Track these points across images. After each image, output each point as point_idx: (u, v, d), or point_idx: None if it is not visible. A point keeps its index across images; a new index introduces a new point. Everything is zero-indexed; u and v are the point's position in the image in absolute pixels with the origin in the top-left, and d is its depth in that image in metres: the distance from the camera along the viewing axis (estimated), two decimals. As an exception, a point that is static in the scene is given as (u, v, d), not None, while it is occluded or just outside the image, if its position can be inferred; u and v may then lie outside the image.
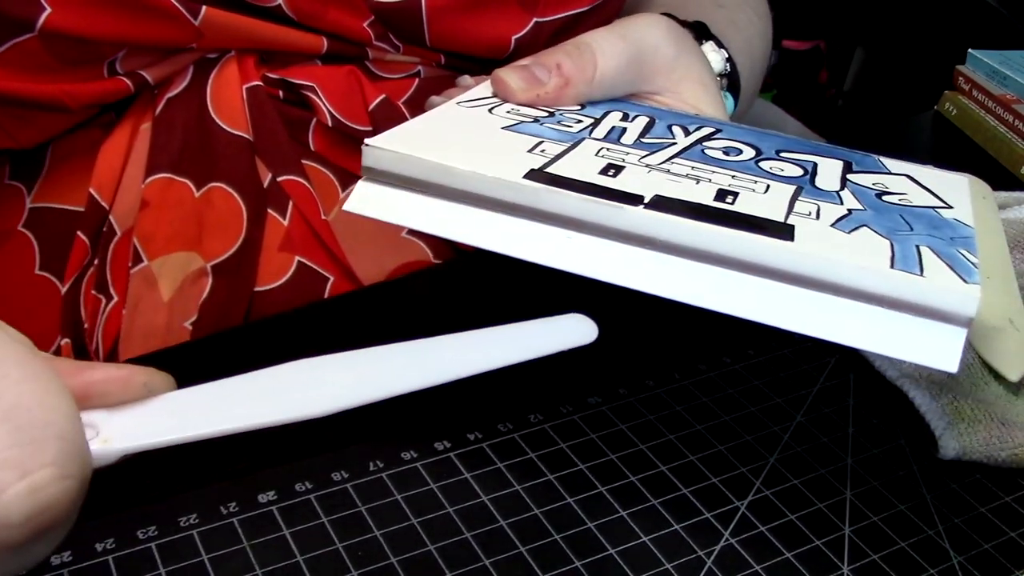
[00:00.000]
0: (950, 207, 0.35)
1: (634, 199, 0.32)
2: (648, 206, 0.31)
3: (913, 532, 0.36)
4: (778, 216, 0.32)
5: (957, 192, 0.37)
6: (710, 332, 0.45)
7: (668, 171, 0.35)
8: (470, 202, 0.33)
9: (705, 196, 0.33)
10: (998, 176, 0.62)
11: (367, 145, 0.33)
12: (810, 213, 0.33)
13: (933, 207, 0.35)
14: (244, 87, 0.48)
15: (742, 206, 0.32)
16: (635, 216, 0.31)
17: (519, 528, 0.34)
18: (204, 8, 0.45)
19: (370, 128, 0.49)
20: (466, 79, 0.47)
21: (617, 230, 0.31)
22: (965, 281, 0.29)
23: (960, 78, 0.70)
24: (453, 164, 0.33)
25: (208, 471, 0.35)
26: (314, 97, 0.49)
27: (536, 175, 0.33)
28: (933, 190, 0.37)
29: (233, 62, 0.48)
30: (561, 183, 0.32)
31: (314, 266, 0.48)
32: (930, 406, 0.39)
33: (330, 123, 0.49)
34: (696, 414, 0.40)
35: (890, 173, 0.39)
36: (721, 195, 0.33)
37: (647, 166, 0.35)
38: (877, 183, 0.37)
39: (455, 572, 0.32)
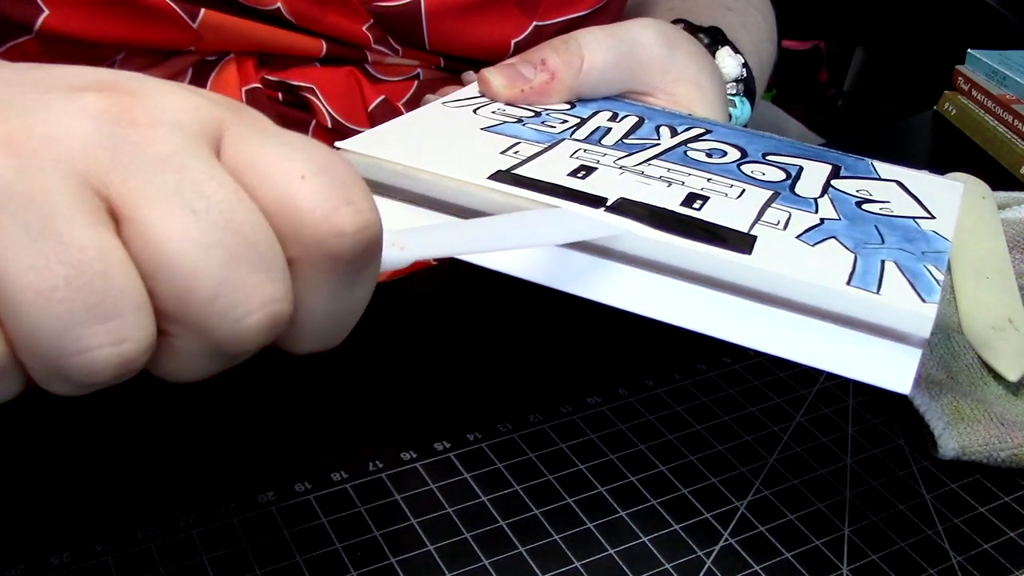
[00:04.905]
0: (932, 217, 0.34)
1: (597, 201, 0.31)
2: (609, 209, 0.30)
3: (913, 532, 0.36)
4: (742, 225, 0.31)
5: (947, 201, 0.36)
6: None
7: (642, 173, 0.34)
8: (435, 207, 0.32)
9: (672, 201, 0.32)
10: (998, 176, 0.62)
11: (338, 148, 0.32)
12: (778, 222, 0.32)
13: (913, 217, 0.34)
14: (243, 89, 0.48)
15: (708, 213, 0.31)
16: (592, 219, 0.30)
17: (519, 528, 0.34)
18: (203, 11, 0.45)
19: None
20: (470, 75, 0.47)
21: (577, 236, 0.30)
22: (923, 300, 0.28)
23: (960, 78, 0.70)
24: (417, 167, 0.32)
25: (207, 471, 0.35)
26: (313, 98, 0.49)
27: (502, 176, 0.32)
28: (920, 199, 0.36)
29: (232, 64, 0.48)
30: (525, 184, 0.31)
31: None
32: (930, 406, 0.39)
33: (329, 124, 0.49)
34: (696, 414, 0.40)
35: (879, 179, 0.37)
36: (689, 200, 0.32)
37: (621, 168, 0.34)
38: (861, 190, 0.36)
39: (455, 572, 0.32)
